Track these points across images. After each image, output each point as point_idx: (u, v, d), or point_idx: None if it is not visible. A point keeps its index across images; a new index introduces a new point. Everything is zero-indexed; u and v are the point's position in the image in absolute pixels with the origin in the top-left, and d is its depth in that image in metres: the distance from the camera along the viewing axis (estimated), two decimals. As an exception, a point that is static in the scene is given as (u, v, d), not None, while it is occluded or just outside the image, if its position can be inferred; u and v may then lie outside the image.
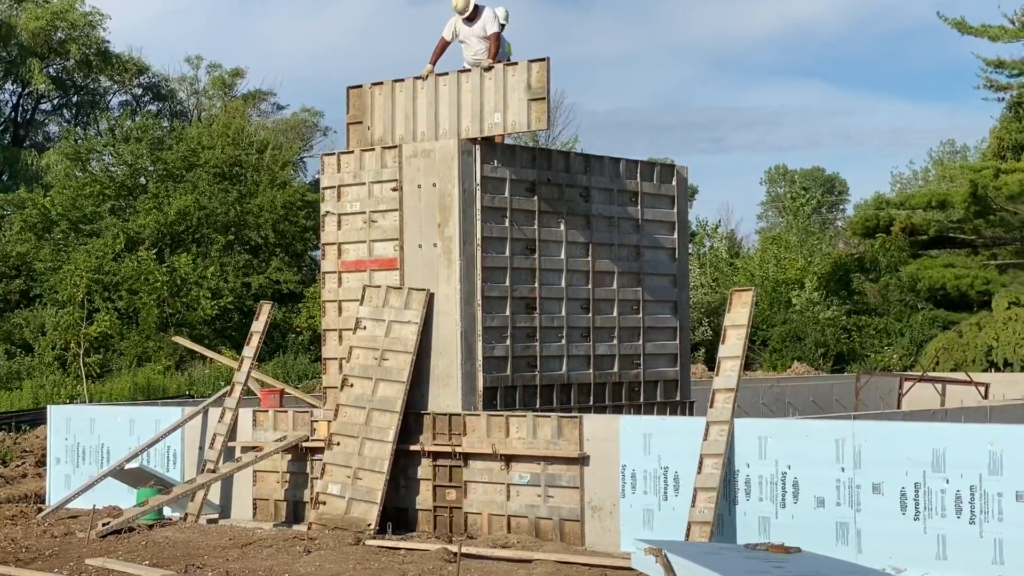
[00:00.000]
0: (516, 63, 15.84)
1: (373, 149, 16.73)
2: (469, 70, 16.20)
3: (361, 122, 16.85)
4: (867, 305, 45.29)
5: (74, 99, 58.92)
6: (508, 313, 16.22)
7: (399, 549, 14.24)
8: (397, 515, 15.83)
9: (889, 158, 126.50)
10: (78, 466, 18.81)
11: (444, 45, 16.75)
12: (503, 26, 16.62)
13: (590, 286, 17.12)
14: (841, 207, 76.92)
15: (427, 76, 16.43)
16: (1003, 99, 45.04)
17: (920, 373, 27.01)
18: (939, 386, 23.92)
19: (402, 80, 16.56)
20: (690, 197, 32.47)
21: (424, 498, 15.96)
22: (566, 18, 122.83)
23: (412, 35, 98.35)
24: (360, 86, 16.93)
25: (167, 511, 17.11)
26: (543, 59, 15.55)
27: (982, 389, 23.72)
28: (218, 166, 46.13)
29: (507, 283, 16.24)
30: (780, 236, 50.97)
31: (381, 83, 16.74)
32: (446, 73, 16.35)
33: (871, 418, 15.16)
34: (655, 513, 14.19)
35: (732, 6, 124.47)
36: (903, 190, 63.37)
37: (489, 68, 15.97)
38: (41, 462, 22.42)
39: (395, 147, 16.50)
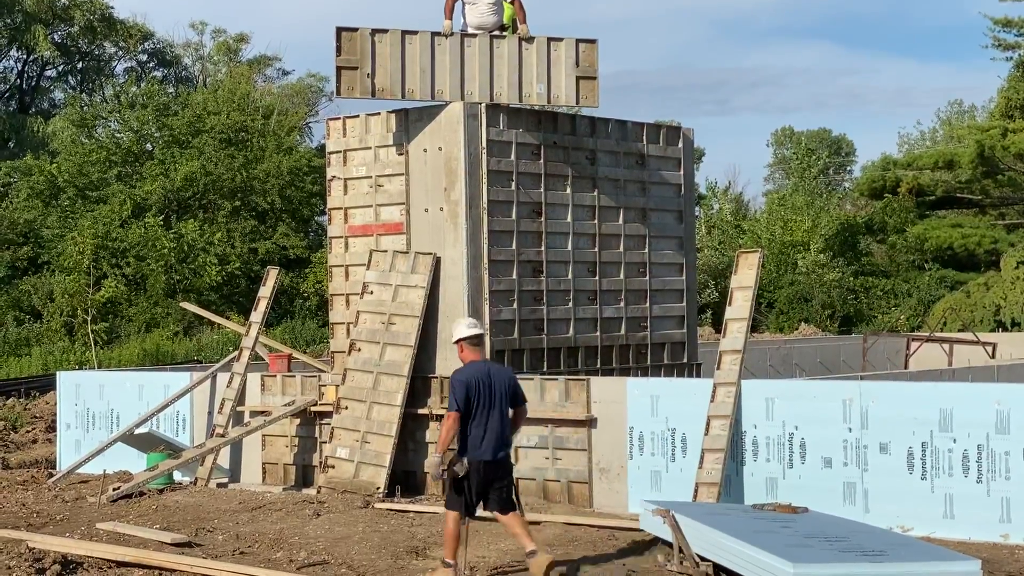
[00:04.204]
0: (562, 39, 16.12)
1: (379, 113, 16.67)
2: (503, 36, 16.15)
3: (357, 68, 15.99)
4: (874, 266, 45.28)
5: (79, 65, 58.85)
6: (515, 276, 16.22)
7: (408, 512, 14.29)
8: (406, 478, 15.89)
9: (896, 119, 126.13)
10: (88, 431, 18.88)
11: (453, 2, 16.50)
12: None
13: (596, 249, 17.11)
14: (848, 168, 76.73)
15: (450, 33, 16.13)
16: (1011, 58, 44.86)
17: (927, 333, 27.01)
18: (946, 346, 23.95)
19: (415, 32, 16.05)
20: (696, 159, 32.44)
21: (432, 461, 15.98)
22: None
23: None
24: (355, 29, 15.96)
25: (177, 475, 17.19)
26: (592, 40, 16.26)
27: (989, 349, 23.74)
28: (224, 132, 46.12)
29: (513, 246, 16.23)
30: (787, 198, 50.89)
31: (386, 31, 16.00)
32: (474, 35, 16.22)
33: (878, 378, 15.19)
34: (662, 474, 14.23)
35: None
36: (910, 151, 63.24)
37: (531, 39, 16.11)
38: (51, 428, 22.53)
39: (401, 111, 16.45)
